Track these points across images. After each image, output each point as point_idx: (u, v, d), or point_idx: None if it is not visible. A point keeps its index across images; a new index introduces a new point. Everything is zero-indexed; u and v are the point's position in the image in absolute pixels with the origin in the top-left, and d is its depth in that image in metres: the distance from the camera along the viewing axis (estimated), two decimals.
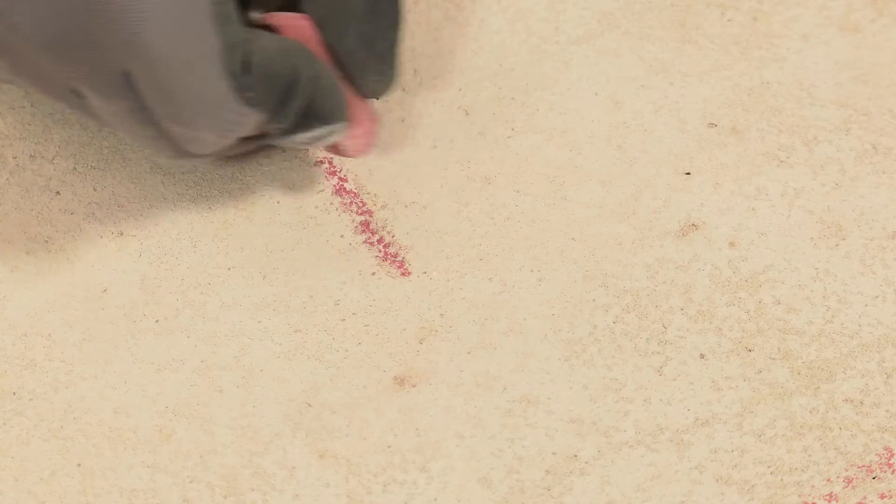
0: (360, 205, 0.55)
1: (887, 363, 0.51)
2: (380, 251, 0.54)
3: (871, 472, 0.48)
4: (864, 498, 0.48)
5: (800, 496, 0.48)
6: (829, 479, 0.48)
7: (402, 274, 0.53)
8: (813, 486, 0.48)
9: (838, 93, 0.57)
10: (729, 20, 0.60)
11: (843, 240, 0.53)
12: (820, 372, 0.50)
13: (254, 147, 0.54)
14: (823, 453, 0.49)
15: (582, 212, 0.55)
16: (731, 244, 0.54)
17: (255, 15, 0.52)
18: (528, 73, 0.58)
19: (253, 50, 0.48)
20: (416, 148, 0.56)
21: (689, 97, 0.57)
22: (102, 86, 0.48)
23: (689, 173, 0.55)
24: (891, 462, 0.48)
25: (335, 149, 0.53)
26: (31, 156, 0.56)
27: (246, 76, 0.48)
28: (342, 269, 0.53)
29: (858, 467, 0.48)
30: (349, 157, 0.53)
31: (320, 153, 0.56)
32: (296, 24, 0.52)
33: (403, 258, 0.54)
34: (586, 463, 0.49)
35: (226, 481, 0.49)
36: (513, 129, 0.57)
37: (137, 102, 0.48)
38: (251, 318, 0.52)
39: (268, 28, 0.52)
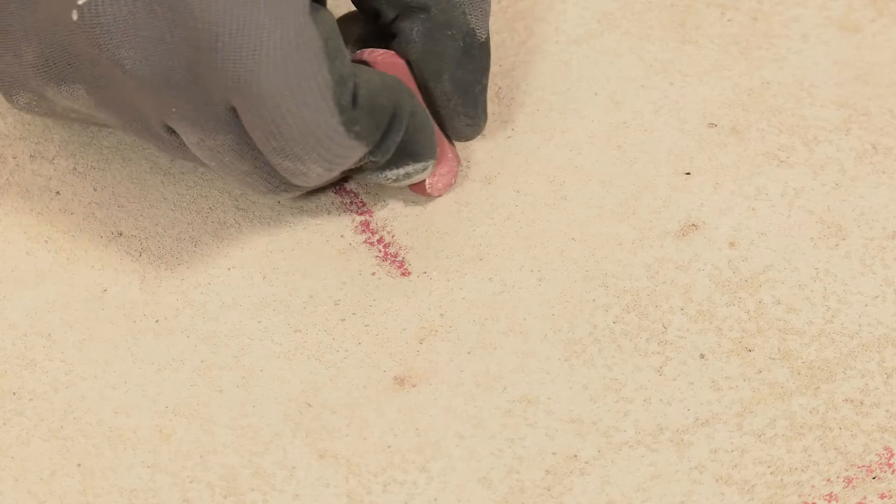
0: (360, 205, 0.55)
1: (887, 363, 0.51)
2: (380, 251, 0.54)
3: (871, 472, 0.48)
4: (864, 498, 0.48)
5: (800, 496, 0.48)
6: (829, 479, 0.48)
7: (402, 274, 0.53)
8: (813, 486, 0.48)
9: (838, 93, 0.57)
10: (729, 20, 0.60)
11: (843, 240, 0.53)
12: (820, 372, 0.50)
13: (338, 179, 0.55)
14: (823, 453, 0.49)
15: (582, 212, 0.55)
16: (731, 244, 0.53)
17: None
18: (528, 73, 0.58)
19: (360, 83, 0.48)
20: None
21: (689, 97, 0.57)
22: (204, 121, 0.48)
23: (689, 173, 0.55)
24: (891, 462, 0.48)
25: (417, 186, 0.53)
26: (31, 156, 0.56)
27: (354, 110, 0.48)
28: (342, 269, 0.53)
29: (858, 467, 0.48)
30: (429, 195, 0.54)
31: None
32: (391, 62, 0.52)
33: (403, 258, 0.54)
34: (586, 463, 0.49)
35: (226, 481, 0.49)
36: (513, 129, 0.57)
37: (241, 136, 0.48)
38: (251, 318, 0.52)
39: (363, 63, 0.52)
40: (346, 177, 0.54)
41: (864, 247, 0.53)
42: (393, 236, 0.54)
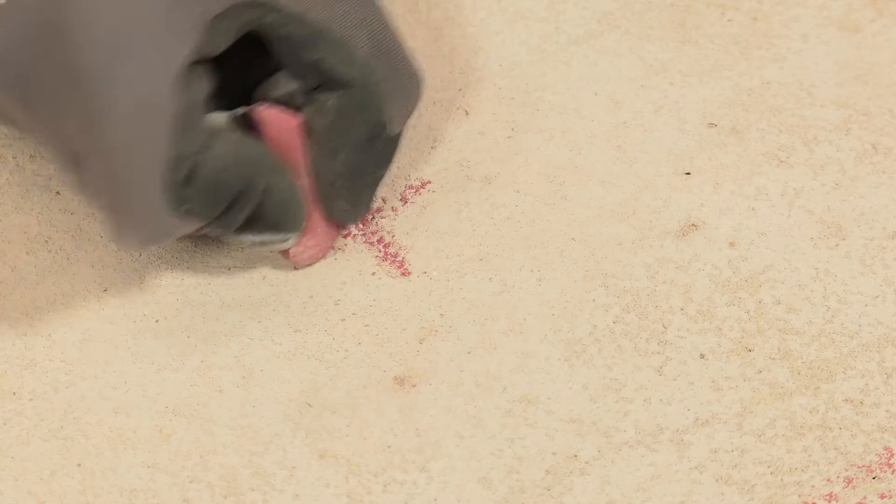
0: None
1: (887, 363, 0.51)
2: (380, 251, 0.54)
3: (871, 472, 0.48)
4: (864, 498, 0.48)
5: (800, 496, 0.48)
6: (829, 479, 0.48)
7: (402, 274, 0.53)
8: (813, 486, 0.48)
9: (838, 93, 0.57)
10: (729, 20, 0.60)
11: (843, 240, 0.53)
12: (820, 372, 0.50)
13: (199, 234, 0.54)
14: (823, 453, 0.49)
15: (582, 212, 0.55)
16: (731, 244, 0.53)
17: (243, 109, 0.51)
18: (528, 73, 0.58)
19: (204, 160, 0.48)
20: (416, 148, 0.56)
21: (689, 97, 0.57)
22: (58, 155, 0.48)
23: (689, 173, 0.55)
24: (891, 462, 0.49)
25: (284, 252, 0.53)
26: (31, 156, 0.56)
27: (187, 188, 0.47)
28: (342, 269, 0.53)
29: (858, 467, 0.48)
30: (293, 263, 0.53)
31: None
32: (283, 124, 0.50)
33: (403, 258, 0.54)
34: (586, 463, 0.49)
35: (226, 481, 0.49)
36: (513, 129, 0.57)
37: (83, 181, 0.48)
38: (251, 318, 0.52)
39: (250, 121, 0.50)
40: (203, 234, 0.53)
41: (864, 247, 0.53)
42: (393, 236, 0.54)
